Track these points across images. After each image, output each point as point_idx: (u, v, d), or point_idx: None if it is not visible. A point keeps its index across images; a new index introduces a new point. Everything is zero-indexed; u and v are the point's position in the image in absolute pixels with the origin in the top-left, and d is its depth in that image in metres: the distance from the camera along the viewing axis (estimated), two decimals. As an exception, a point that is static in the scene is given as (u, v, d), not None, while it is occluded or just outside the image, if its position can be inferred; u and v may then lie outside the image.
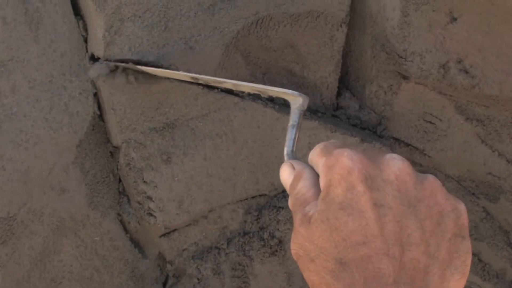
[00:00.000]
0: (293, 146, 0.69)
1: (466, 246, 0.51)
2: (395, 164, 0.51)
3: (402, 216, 0.49)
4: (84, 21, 1.01)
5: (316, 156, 0.58)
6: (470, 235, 1.13)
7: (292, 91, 0.71)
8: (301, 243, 0.53)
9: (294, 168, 0.62)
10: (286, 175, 0.63)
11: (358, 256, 0.48)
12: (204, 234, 1.09)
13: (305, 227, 0.53)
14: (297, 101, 0.70)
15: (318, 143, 1.07)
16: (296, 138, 0.69)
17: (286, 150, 0.69)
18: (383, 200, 0.49)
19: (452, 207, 0.51)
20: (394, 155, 0.53)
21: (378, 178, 0.51)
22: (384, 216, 0.49)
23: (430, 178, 0.52)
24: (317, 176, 0.57)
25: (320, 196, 0.53)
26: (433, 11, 0.98)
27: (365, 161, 0.51)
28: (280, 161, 1.07)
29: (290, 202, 0.60)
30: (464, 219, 0.51)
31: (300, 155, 1.07)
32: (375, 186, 0.50)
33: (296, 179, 0.60)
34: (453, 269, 0.50)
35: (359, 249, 0.48)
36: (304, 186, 0.58)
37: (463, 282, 0.51)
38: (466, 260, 0.51)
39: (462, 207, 0.52)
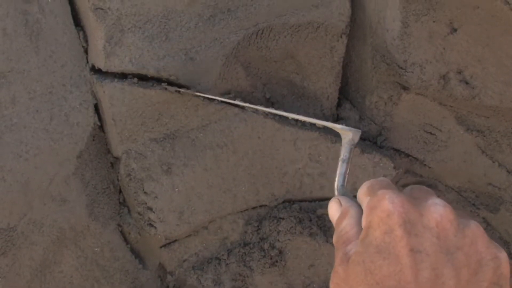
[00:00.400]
0: (343, 181, 0.67)
1: None
2: (436, 210, 0.50)
3: (439, 263, 0.48)
4: (84, 32, 1.00)
5: (362, 195, 0.58)
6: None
7: (342, 126, 0.69)
8: (338, 283, 0.53)
9: (341, 204, 0.61)
10: (333, 211, 0.62)
11: None
12: (204, 244, 1.08)
13: (344, 267, 0.53)
14: (347, 135, 0.68)
15: (318, 154, 1.07)
16: (347, 172, 0.68)
17: (336, 185, 0.67)
18: (420, 246, 0.48)
19: (492, 255, 0.50)
20: (437, 200, 0.52)
21: (418, 223, 0.50)
22: (420, 262, 0.48)
23: (472, 225, 0.51)
24: (362, 214, 0.57)
25: (359, 237, 0.53)
26: (433, 22, 0.97)
27: (407, 205, 0.50)
28: (281, 172, 1.06)
29: (334, 239, 0.59)
30: (504, 268, 0.50)
31: (300, 165, 1.07)
32: (414, 231, 0.49)
33: (342, 216, 0.59)
34: None
35: None
36: (348, 224, 0.57)
37: None
38: None
39: (503, 255, 0.50)
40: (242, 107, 1.03)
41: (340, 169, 0.67)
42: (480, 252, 0.49)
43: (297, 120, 1.06)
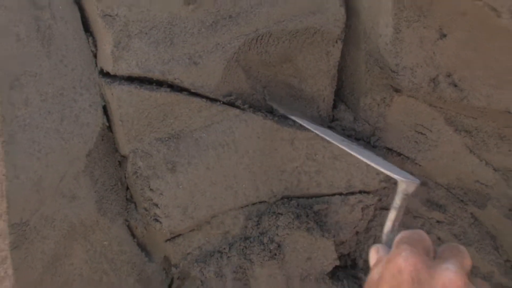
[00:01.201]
0: (392, 227, 0.66)
1: None
2: (447, 275, 0.50)
3: None
4: (93, 37, 1.00)
5: (395, 243, 0.58)
6: (459, 240, 1.11)
7: (399, 177, 0.68)
8: None
9: (378, 252, 0.62)
10: (371, 256, 0.63)
11: None
12: (207, 238, 1.07)
13: None
14: (402, 185, 0.67)
15: (314, 152, 1.06)
16: (396, 219, 0.67)
17: (384, 230, 0.67)
18: None
19: None
20: (451, 266, 0.51)
21: (426, 284, 0.50)
22: None
23: None
24: None
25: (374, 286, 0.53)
26: (424, 28, 0.97)
27: (419, 265, 0.50)
28: (279, 170, 1.06)
29: (367, 281, 0.59)
30: None
31: (297, 164, 1.06)
32: None
33: (376, 263, 0.59)
34: None
35: None
36: (377, 273, 0.57)
37: None
38: None
39: None
40: (241, 107, 1.03)
41: (390, 215, 0.66)
42: None
43: (294, 121, 1.06)
